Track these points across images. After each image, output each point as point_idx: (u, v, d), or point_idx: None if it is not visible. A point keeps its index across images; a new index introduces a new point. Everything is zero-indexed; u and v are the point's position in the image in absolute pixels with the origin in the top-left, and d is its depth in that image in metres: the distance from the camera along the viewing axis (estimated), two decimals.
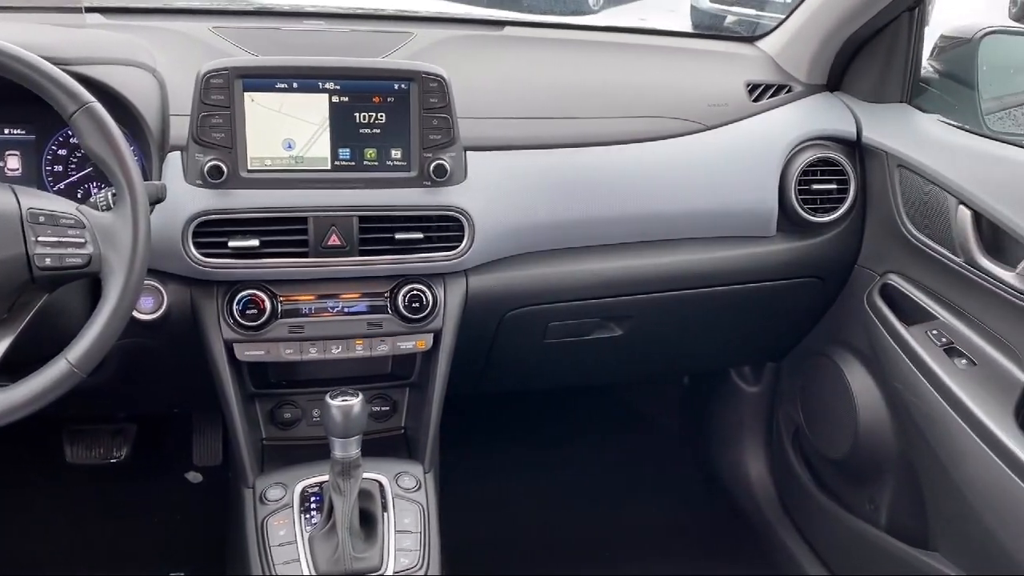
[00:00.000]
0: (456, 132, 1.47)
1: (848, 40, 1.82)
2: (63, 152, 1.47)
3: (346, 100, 1.42)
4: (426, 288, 1.50)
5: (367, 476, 1.40)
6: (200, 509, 2.14)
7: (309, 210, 1.41)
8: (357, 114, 1.43)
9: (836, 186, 1.76)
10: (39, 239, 1.10)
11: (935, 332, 1.62)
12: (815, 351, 1.98)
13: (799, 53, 1.88)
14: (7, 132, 1.46)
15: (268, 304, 1.44)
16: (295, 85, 1.40)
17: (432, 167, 1.45)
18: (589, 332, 1.77)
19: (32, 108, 1.23)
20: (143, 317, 1.39)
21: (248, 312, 1.43)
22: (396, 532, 1.39)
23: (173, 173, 1.39)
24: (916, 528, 1.70)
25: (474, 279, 1.56)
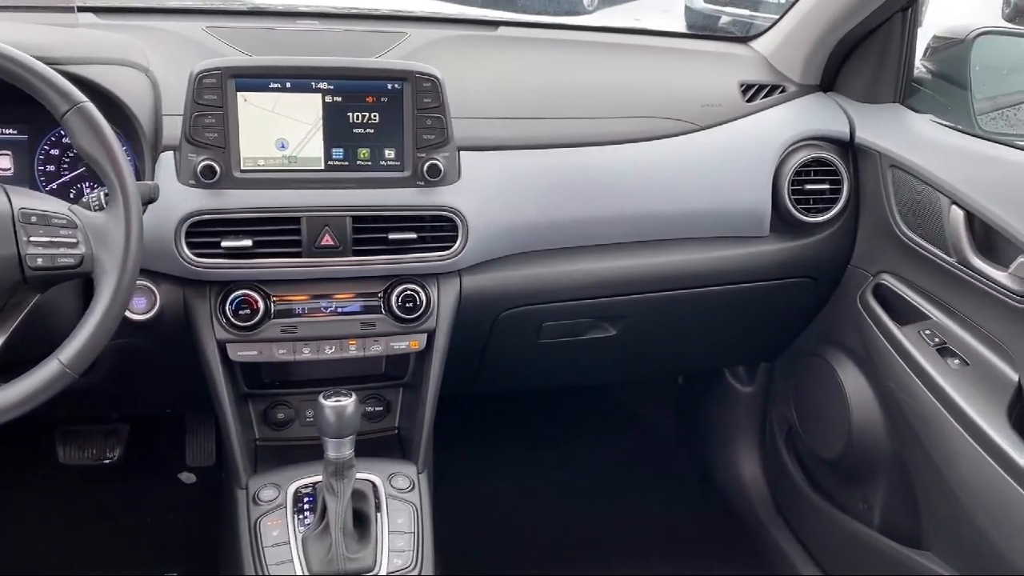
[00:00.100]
0: (450, 132, 1.46)
1: (841, 40, 1.82)
2: (56, 152, 1.47)
3: (339, 100, 1.42)
4: (420, 288, 1.50)
5: (360, 476, 1.39)
6: (193, 510, 2.13)
7: (302, 210, 1.41)
8: (350, 114, 1.43)
9: (829, 186, 1.76)
10: (31, 239, 1.10)
11: (928, 332, 1.62)
12: (808, 351, 1.98)
13: (793, 53, 1.88)
14: None
15: (261, 304, 1.43)
16: (288, 85, 1.40)
17: (426, 167, 1.45)
18: (583, 332, 1.77)
19: (25, 108, 1.23)
20: (136, 317, 1.39)
21: (241, 312, 1.43)
22: (389, 532, 1.39)
23: (166, 173, 1.39)
24: (909, 528, 1.70)
25: (468, 279, 1.56)
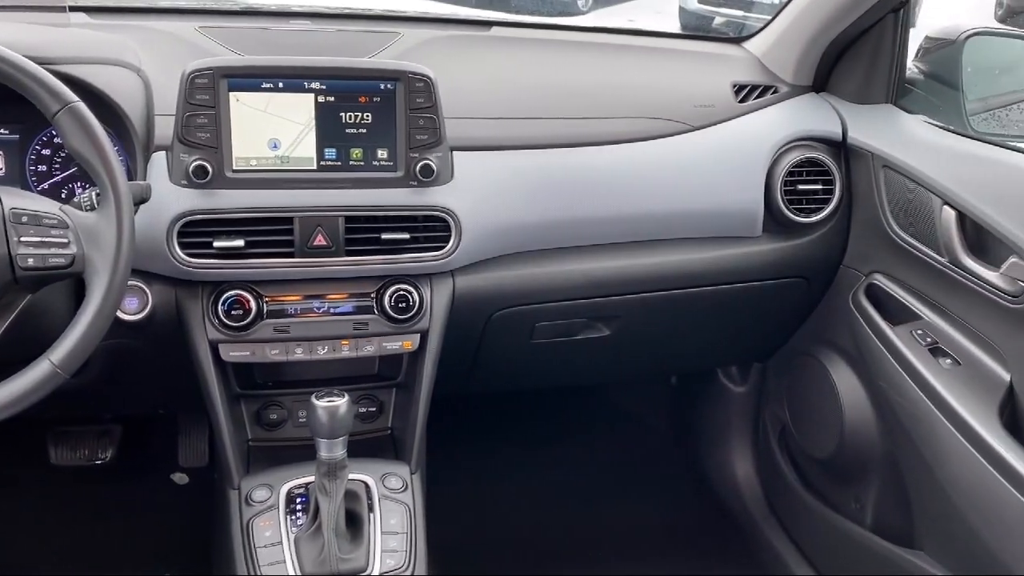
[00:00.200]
0: (443, 132, 1.46)
1: (834, 41, 1.83)
2: (47, 152, 1.46)
3: (332, 100, 1.42)
4: (412, 288, 1.50)
5: (353, 477, 1.40)
6: (186, 510, 2.13)
7: (295, 210, 1.41)
8: (343, 114, 1.42)
9: (821, 186, 1.77)
10: (22, 239, 1.09)
11: (920, 332, 1.63)
12: (801, 351, 1.98)
13: (785, 54, 1.89)
14: None
15: (253, 304, 1.43)
16: (280, 85, 1.40)
17: (418, 167, 1.44)
18: (576, 332, 1.77)
19: (16, 108, 1.23)
20: (127, 318, 1.39)
21: (233, 312, 1.42)
22: (382, 533, 1.39)
23: (158, 173, 1.39)
24: (901, 527, 1.70)
25: (461, 279, 1.55)
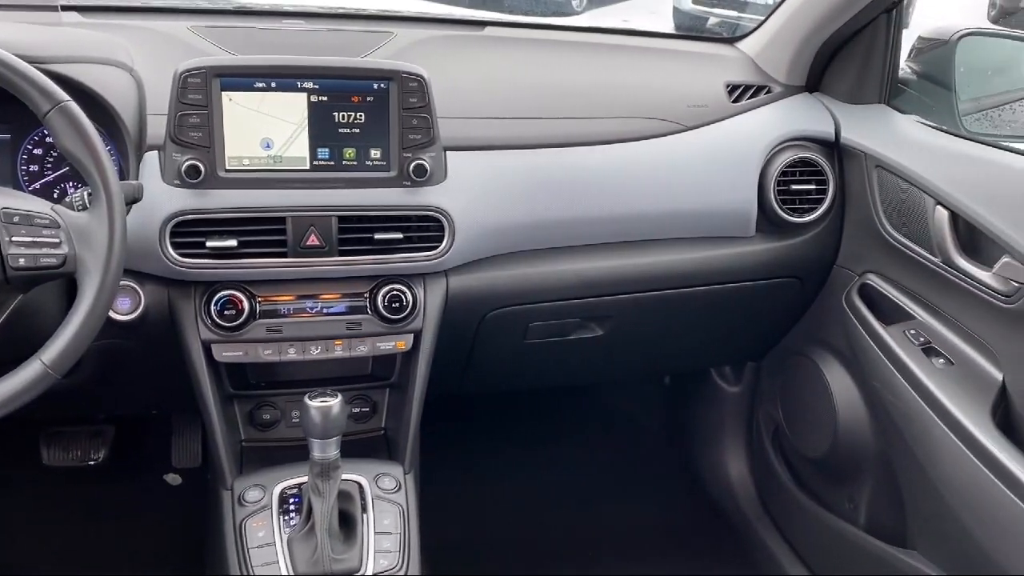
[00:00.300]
0: (436, 132, 1.46)
1: (827, 41, 1.83)
2: (39, 152, 1.46)
3: (325, 100, 1.42)
4: (406, 288, 1.49)
5: (346, 477, 1.39)
6: (179, 511, 2.12)
7: (287, 210, 1.41)
8: (336, 114, 1.42)
9: (815, 186, 1.77)
10: (13, 239, 1.09)
11: (913, 332, 1.63)
12: (795, 351, 1.99)
13: (778, 54, 1.89)
14: None
15: (246, 304, 1.43)
16: (273, 84, 1.40)
17: (412, 167, 1.44)
18: (570, 332, 1.77)
19: (7, 107, 1.22)
20: (120, 318, 1.38)
21: (226, 312, 1.42)
22: (376, 533, 1.39)
23: (150, 173, 1.38)
24: (894, 527, 1.71)
25: (454, 279, 1.55)
